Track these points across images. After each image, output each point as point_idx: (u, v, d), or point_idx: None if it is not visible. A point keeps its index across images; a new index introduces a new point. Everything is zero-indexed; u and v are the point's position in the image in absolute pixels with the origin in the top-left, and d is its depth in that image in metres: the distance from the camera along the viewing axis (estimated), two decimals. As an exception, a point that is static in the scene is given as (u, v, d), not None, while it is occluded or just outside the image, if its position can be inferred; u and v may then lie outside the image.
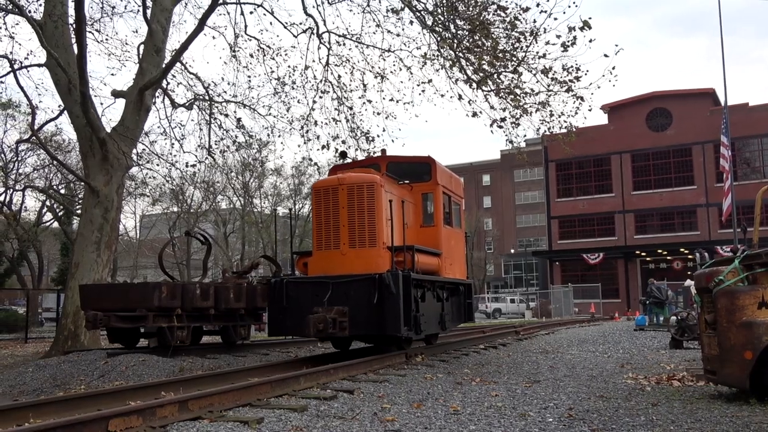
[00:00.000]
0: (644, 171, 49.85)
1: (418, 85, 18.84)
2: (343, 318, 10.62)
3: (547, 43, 15.60)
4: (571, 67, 15.78)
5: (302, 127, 20.84)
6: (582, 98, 16.16)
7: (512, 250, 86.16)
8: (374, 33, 31.41)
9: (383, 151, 14.11)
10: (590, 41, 14.96)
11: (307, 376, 8.50)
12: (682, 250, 45.85)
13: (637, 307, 30.92)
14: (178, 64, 19.10)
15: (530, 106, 16.53)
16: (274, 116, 21.82)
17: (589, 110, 18.75)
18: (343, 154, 13.77)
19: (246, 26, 26.74)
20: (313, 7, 21.39)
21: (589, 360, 12.78)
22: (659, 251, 47.61)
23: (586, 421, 6.31)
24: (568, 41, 15.05)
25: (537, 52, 15.84)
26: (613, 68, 15.36)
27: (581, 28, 14.72)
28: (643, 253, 48.65)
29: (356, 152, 19.58)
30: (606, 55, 14.83)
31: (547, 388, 8.60)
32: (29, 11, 17.12)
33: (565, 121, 16.71)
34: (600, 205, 51.01)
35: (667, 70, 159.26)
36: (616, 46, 14.61)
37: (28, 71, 24.04)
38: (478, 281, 79.98)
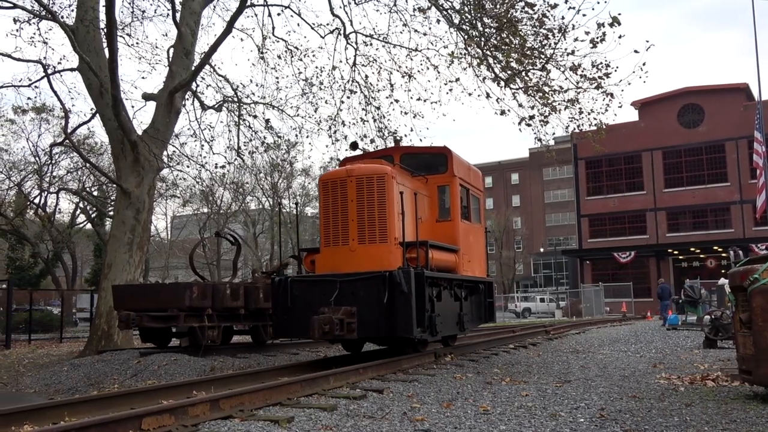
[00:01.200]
0: (676, 168, 49.12)
1: (445, 84, 18.80)
2: (351, 319, 9.91)
3: (576, 39, 15.48)
4: (601, 63, 15.61)
5: (330, 128, 20.96)
6: (612, 95, 15.98)
7: (542, 249, 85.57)
8: (401, 32, 31.39)
9: (396, 141, 13.56)
10: (620, 37, 14.78)
11: (337, 375, 8.52)
12: (715, 248, 45.09)
13: (670, 306, 30.55)
14: (207, 67, 19.30)
15: (559, 104, 16.39)
16: (302, 117, 21.99)
17: (620, 107, 18.60)
18: (354, 145, 12.88)
19: (273, 28, 26.95)
20: (340, 7, 21.52)
21: (621, 360, 12.63)
22: (692, 249, 46.88)
23: (618, 421, 6.24)
24: (597, 38, 14.88)
25: (565, 49, 15.71)
26: (644, 64, 15.13)
27: (611, 24, 14.54)
28: (675, 252, 47.94)
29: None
30: (636, 51, 14.65)
31: (578, 388, 8.52)
32: (62, 16, 17.44)
33: (594, 119, 16.54)
34: (631, 203, 50.38)
35: (698, 65, 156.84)
36: (647, 42, 14.41)
37: (61, 76, 24.42)
38: (507, 280, 79.62)
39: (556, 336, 19.37)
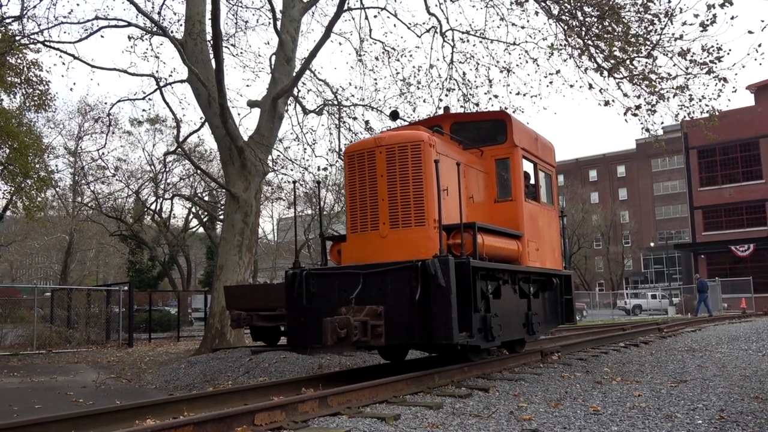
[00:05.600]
0: (799, 154, 46.00)
1: (545, 77, 18.42)
2: (377, 321, 8.13)
3: (684, 23, 14.81)
4: (712, 47, 14.87)
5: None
6: (725, 79, 15.18)
7: (652, 244, 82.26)
8: (498, 27, 31.10)
9: (446, 109, 11.88)
10: (732, 18, 14.02)
11: (442, 373, 8.50)
12: None
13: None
14: (307, 72, 19.74)
15: (667, 92, 15.74)
16: (401, 117, 22.09)
17: (734, 92, 17.59)
18: (395, 114, 10.89)
19: (371, 30, 27.28)
20: (436, 5, 21.47)
21: (741, 359, 11.96)
22: (819, 240, 43.81)
23: (739, 423, 5.92)
24: (708, 20, 14.17)
25: (673, 34, 15.08)
26: (759, 45, 14.33)
27: (721, 5, 13.81)
28: (800, 243, 44.96)
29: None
30: (750, 32, 13.84)
31: (695, 389, 8.14)
32: (171, 31, 18.33)
33: (706, 105, 15.78)
34: (749, 193, 47.54)
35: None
36: (762, 21, 13.58)
37: (172, 87, 25.77)
38: (615, 277, 77.10)
39: (669, 334, 18.59)
